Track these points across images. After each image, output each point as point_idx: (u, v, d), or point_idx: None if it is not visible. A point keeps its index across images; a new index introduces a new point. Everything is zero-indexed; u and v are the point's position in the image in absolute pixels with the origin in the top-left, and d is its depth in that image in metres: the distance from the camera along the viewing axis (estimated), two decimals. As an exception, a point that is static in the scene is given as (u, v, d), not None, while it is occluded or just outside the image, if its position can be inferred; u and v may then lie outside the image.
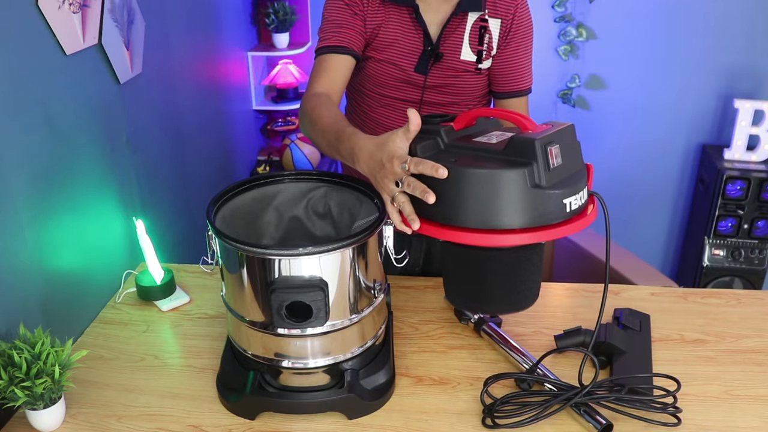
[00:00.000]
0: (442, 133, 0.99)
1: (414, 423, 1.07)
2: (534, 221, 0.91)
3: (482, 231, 0.90)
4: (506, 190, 0.89)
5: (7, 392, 0.98)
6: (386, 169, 0.95)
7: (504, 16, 1.37)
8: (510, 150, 0.92)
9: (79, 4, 1.29)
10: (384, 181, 0.97)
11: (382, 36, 1.35)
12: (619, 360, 1.16)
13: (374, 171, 0.99)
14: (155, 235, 1.45)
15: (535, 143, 0.89)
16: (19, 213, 1.13)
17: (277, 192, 1.20)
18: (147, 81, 1.65)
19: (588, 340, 1.19)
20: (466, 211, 0.91)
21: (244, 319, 1.06)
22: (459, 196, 0.91)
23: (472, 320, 1.27)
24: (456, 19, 1.34)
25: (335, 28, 1.32)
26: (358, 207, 1.16)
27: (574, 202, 0.93)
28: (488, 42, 1.37)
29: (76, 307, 1.32)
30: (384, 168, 0.96)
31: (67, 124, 1.28)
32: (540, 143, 0.90)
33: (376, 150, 0.98)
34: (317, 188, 1.21)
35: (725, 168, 2.71)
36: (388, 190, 0.97)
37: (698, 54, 2.80)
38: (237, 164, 2.68)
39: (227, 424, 1.07)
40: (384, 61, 1.37)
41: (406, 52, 1.36)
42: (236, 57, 2.64)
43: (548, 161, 0.90)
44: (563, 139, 0.95)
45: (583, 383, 1.07)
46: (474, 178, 0.90)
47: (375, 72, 1.39)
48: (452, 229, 0.92)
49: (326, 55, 1.31)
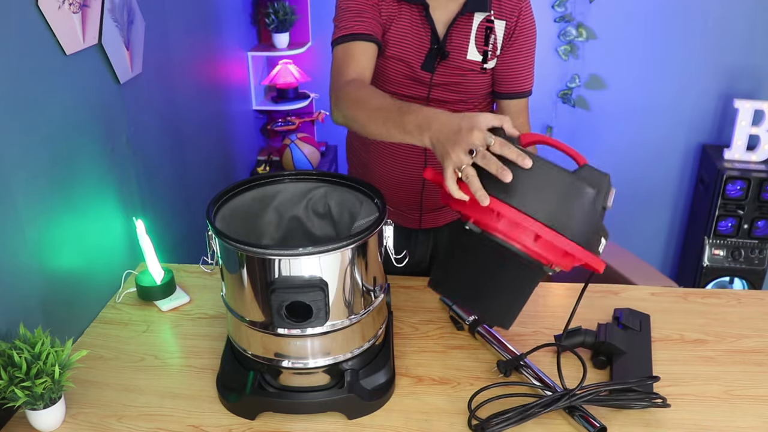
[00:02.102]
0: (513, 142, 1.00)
1: (414, 423, 1.07)
2: (587, 242, 0.93)
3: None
4: (580, 201, 0.92)
5: (7, 392, 0.98)
6: (462, 136, 0.93)
7: (508, 18, 1.37)
8: (582, 174, 0.95)
9: (79, 4, 1.29)
10: (455, 148, 0.93)
11: (393, 32, 1.35)
12: (619, 360, 1.16)
13: (446, 137, 0.95)
14: (155, 235, 1.45)
15: (608, 177, 0.94)
16: (19, 213, 1.13)
17: (277, 192, 1.20)
18: (147, 81, 1.65)
19: (588, 340, 1.20)
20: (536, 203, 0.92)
21: (244, 319, 1.06)
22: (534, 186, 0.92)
23: (467, 322, 1.27)
24: (462, 18, 1.35)
25: (356, 16, 1.30)
26: (358, 207, 1.16)
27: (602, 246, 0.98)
28: (493, 42, 1.37)
29: (76, 307, 1.32)
30: (460, 135, 0.93)
31: (67, 124, 1.28)
32: (609, 180, 0.95)
33: (458, 118, 0.96)
34: (317, 188, 1.21)
35: (725, 168, 2.71)
36: (457, 158, 0.93)
37: (698, 54, 2.80)
38: (237, 164, 2.68)
39: (227, 424, 1.07)
40: (392, 57, 1.37)
41: (414, 49, 1.36)
42: (236, 57, 2.64)
43: (608, 199, 0.95)
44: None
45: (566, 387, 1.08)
46: (557, 176, 0.92)
47: (383, 68, 1.39)
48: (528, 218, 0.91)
49: (351, 43, 1.29)
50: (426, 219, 1.56)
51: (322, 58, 2.97)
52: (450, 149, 0.94)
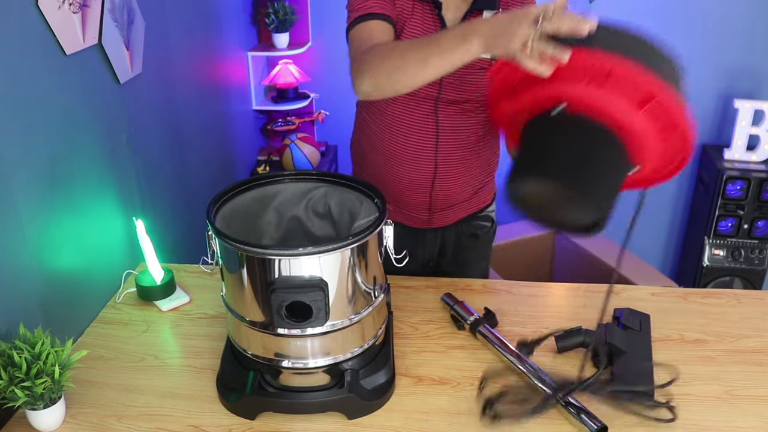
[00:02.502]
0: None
1: (414, 423, 1.07)
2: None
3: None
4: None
5: (7, 392, 0.98)
6: (519, 17, 0.96)
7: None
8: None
9: (79, 4, 1.29)
10: (519, 25, 0.96)
11: (407, 28, 1.35)
12: (619, 360, 1.16)
13: (502, 27, 0.99)
14: (155, 235, 1.45)
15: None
16: (19, 213, 1.13)
17: (277, 192, 1.21)
18: (147, 81, 1.65)
19: (588, 341, 1.20)
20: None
21: (244, 319, 1.06)
22: (614, 43, 0.96)
23: (468, 322, 1.27)
24: (471, 16, 1.35)
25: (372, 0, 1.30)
26: (358, 207, 1.16)
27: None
28: None
29: (76, 307, 1.32)
30: (516, 17, 0.97)
31: (67, 124, 1.28)
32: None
33: (510, 13, 1.00)
34: (317, 188, 1.21)
35: (725, 168, 2.71)
36: (523, 33, 0.96)
37: (698, 54, 2.80)
38: (237, 164, 2.68)
39: (227, 424, 1.07)
40: None
41: None
42: (236, 57, 2.64)
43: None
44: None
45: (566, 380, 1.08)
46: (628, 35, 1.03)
47: None
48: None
49: (369, 22, 1.27)
50: (436, 218, 1.56)
51: (322, 58, 2.97)
52: (513, 29, 0.97)
